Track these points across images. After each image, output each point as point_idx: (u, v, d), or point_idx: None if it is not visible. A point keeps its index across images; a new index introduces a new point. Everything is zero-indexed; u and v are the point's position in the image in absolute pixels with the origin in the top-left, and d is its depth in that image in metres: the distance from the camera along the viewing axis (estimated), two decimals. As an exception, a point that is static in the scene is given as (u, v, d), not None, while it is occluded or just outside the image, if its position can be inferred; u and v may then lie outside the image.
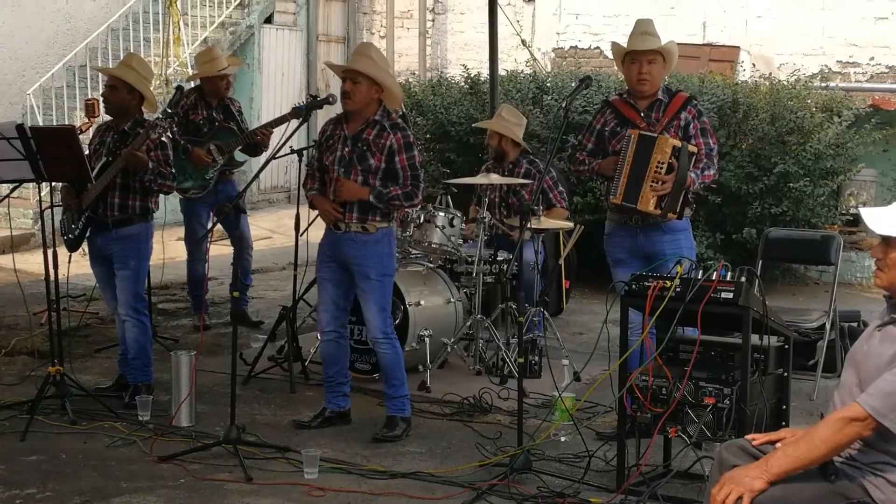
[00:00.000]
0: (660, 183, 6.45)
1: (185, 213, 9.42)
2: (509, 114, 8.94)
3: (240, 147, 9.18)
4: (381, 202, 6.50)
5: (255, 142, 9.17)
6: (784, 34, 16.51)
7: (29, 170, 6.80)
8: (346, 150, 6.56)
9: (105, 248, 7.14)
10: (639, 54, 6.63)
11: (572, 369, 7.60)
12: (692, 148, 6.53)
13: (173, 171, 7.21)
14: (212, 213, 9.15)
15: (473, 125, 9.16)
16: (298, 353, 7.96)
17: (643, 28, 6.77)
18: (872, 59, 16.25)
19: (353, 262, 6.61)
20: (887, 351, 3.96)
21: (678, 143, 6.47)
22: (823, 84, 12.89)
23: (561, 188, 8.87)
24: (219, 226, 9.22)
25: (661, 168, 6.44)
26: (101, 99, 7.45)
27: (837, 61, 16.37)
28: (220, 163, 9.05)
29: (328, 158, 6.64)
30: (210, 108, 9.19)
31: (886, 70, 16.20)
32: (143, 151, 6.93)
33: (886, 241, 4.02)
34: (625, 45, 6.78)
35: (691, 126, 6.67)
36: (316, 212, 6.84)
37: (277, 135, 9.00)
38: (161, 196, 7.30)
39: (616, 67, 7.96)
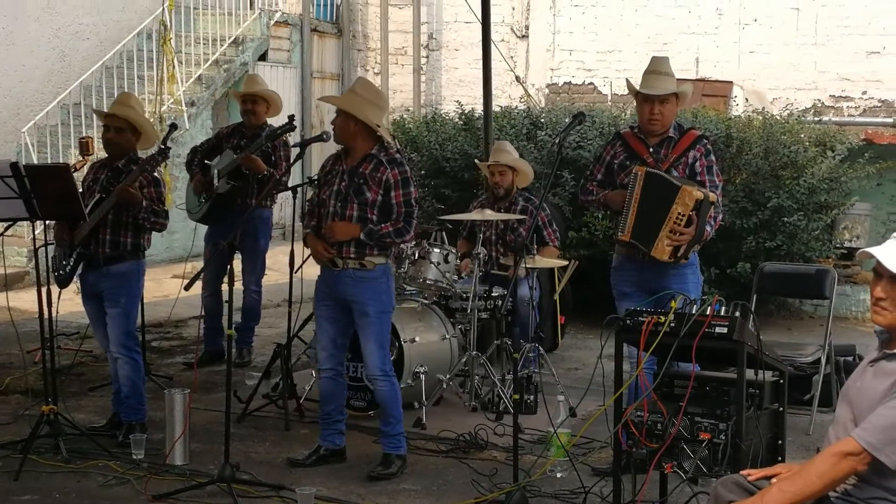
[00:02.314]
0: (678, 234, 6.45)
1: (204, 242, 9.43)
2: (511, 148, 9.06)
3: (228, 172, 9.03)
4: (372, 239, 6.48)
5: (249, 168, 8.97)
6: (777, 69, 16.62)
7: (23, 208, 6.79)
8: (343, 184, 6.56)
9: (97, 285, 7.12)
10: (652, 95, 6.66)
11: (568, 405, 7.58)
12: (713, 196, 6.54)
13: (166, 208, 7.20)
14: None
15: (483, 164, 9.15)
16: (293, 391, 7.92)
17: (658, 67, 6.77)
18: (865, 93, 16.34)
19: (351, 300, 6.60)
20: (880, 386, 3.96)
21: (700, 195, 6.45)
22: (816, 118, 12.95)
23: (555, 227, 8.92)
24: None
25: (682, 220, 6.42)
26: (98, 139, 7.43)
27: (830, 95, 16.47)
28: (216, 187, 8.97)
29: (325, 192, 6.65)
30: (242, 137, 9.18)
31: (879, 104, 16.29)
32: (135, 188, 6.93)
33: (893, 278, 4.01)
34: (633, 81, 6.79)
35: (698, 164, 6.68)
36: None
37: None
38: (154, 234, 7.28)
39: (610, 104, 7.98)
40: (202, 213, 9.15)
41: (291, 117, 8.28)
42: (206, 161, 9.15)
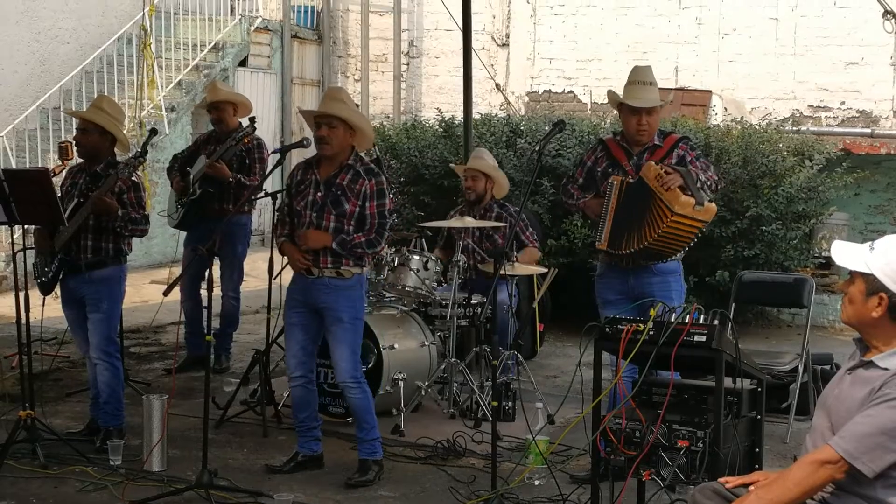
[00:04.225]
0: (669, 181, 6.36)
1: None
2: (490, 157, 9.05)
3: (199, 178, 8.99)
4: (345, 249, 6.48)
5: (214, 175, 8.93)
6: (755, 79, 16.70)
7: (1, 212, 6.76)
8: (319, 194, 6.54)
9: (77, 290, 7.09)
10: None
11: (546, 412, 7.58)
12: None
13: (147, 213, 7.17)
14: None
15: (458, 167, 9.15)
16: (271, 397, 7.91)
17: (642, 77, 6.77)
18: (843, 103, 16.43)
19: (326, 307, 6.59)
20: (858, 394, 3.98)
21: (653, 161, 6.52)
22: (795, 128, 13.01)
23: (532, 230, 8.93)
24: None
25: (661, 178, 6.40)
26: (74, 142, 7.42)
27: (809, 105, 16.55)
28: (190, 192, 8.96)
29: (299, 203, 6.62)
30: (217, 142, 9.15)
31: (857, 114, 16.38)
32: (112, 195, 6.88)
33: (852, 275, 4.08)
34: (614, 89, 6.80)
35: (687, 156, 6.70)
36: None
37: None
38: (134, 238, 7.26)
39: (590, 112, 8.00)
40: (179, 219, 9.14)
41: (252, 119, 8.31)
42: (187, 168, 9.13)
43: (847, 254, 4.10)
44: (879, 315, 4.00)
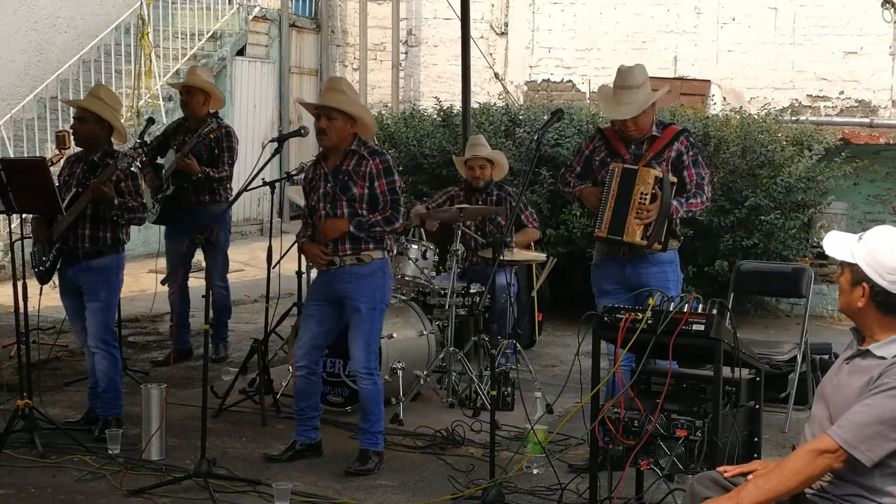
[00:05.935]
0: (644, 212, 6.46)
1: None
2: (486, 141, 9.08)
3: (171, 173, 8.90)
4: (363, 231, 6.50)
5: (184, 171, 8.83)
6: (755, 68, 16.69)
7: (-1, 201, 6.76)
8: (329, 185, 6.57)
9: (75, 279, 7.09)
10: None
11: (545, 401, 7.59)
12: (672, 178, 6.57)
13: (144, 202, 7.16)
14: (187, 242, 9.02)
15: (460, 157, 9.15)
16: (270, 386, 7.90)
17: (627, 81, 6.64)
18: (842, 93, 16.42)
19: (346, 296, 6.60)
20: (856, 383, 3.99)
21: (659, 173, 6.50)
22: (794, 118, 13.01)
23: (531, 210, 8.96)
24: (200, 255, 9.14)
25: (645, 199, 6.45)
26: (71, 131, 7.41)
27: (808, 95, 16.55)
28: (163, 189, 8.93)
29: (312, 198, 6.66)
30: (187, 132, 9.08)
31: (856, 104, 16.37)
32: (111, 183, 6.88)
33: (842, 265, 4.12)
34: (607, 79, 6.80)
35: (685, 156, 6.69)
36: (289, 244, 6.82)
37: (249, 167, 9.00)
38: (132, 227, 7.25)
39: (588, 101, 7.98)
40: (156, 215, 9.06)
41: (215, 113, 8.26)
42: (157, 161, 9.05)
43: (837, 244, 4.14)
44: (863, 304, 4.03)
